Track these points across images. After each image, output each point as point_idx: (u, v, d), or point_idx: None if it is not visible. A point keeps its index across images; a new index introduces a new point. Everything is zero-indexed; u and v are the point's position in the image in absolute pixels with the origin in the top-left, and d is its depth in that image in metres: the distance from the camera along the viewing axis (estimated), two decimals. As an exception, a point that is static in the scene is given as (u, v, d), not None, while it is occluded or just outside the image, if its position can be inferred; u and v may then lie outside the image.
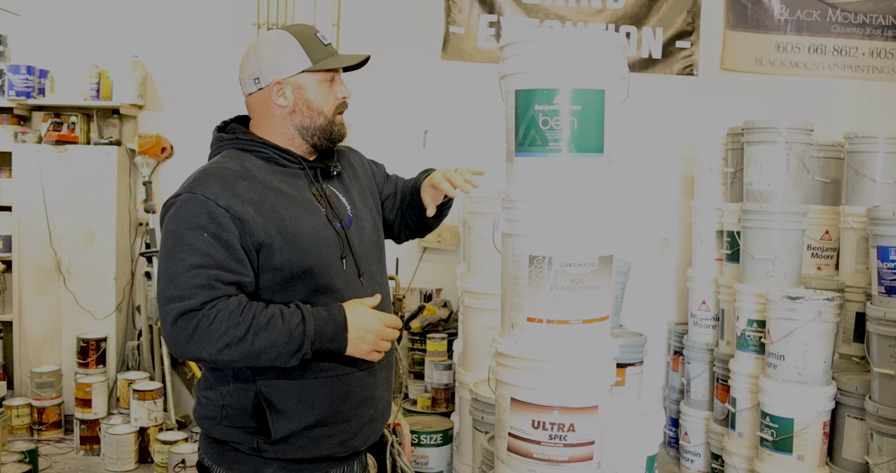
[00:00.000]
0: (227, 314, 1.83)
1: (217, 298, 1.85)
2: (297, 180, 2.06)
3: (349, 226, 2.09)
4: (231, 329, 1.82)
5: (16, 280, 5.25)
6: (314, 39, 2.06)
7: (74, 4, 5.44)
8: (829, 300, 3.62)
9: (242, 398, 1.98)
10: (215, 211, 1.88)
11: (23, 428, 5.08)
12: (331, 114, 2.07)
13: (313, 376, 1.99)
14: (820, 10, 5.53)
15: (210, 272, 1.85)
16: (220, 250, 1.87)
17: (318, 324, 1.90)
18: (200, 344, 1.83)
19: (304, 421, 1.99)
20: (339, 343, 1.93)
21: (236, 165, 1.99)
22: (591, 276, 2.21)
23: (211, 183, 1.93)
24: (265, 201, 1.94)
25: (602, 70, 2.20)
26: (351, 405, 2.05)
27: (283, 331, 1.86)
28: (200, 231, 1.88)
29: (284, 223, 1.94)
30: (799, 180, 4.05)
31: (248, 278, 1.91)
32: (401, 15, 5.41)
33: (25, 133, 5.36)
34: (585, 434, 2.25)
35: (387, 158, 5.49)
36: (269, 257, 1.93)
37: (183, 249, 1.87)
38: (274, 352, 1.86)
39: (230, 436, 2.01)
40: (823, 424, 3.71)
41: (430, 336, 4.79)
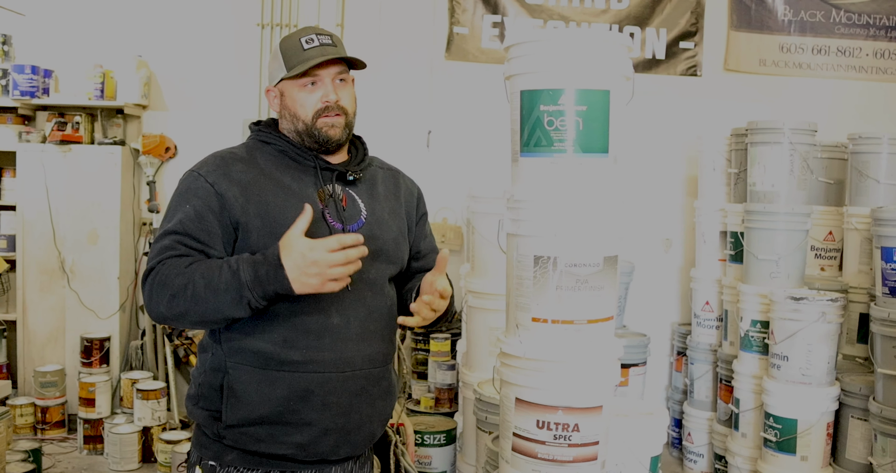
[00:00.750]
0: (174, 266, 1.88)
1: (173, 256, 1.90)
2: (306, 176, 2.07)
3: (354, 229, 2.05)
4: (176, 279, 1.85)
5: (20, 279, 5.26)
6: (296, 45, 2.06)
7: (79, 4, 5.45)
8: (833, 301, 3.62)
9: (214, 377, 2.01)
10: (202, 186, 1.97)
11: (26, 427, 5.09)
12: (310, 118, 2.06)
13: (275, 367, 1.97)
14: (824, 10, 5.53)
15: (175, 237, 1.93)
16: (195, 220, 1.94)
17: (251, 269, 1.83)
18: (157, 298, 1.88)
19: (257, 411, 1.97)
20: (280, 284, 1.82)
21: (244, 151, 2.09)
22: (595, 276, 2.21)
23: (210, 162, 2.04)
24: (255, 184, 2.00)
25: (607, 70, 2.20)
26: (312, 407, 1.99)
27: (220, 280, 1.84)
28: (185, 203, 1.97)
29: (267, 207, 1.97)
30: (803, 180, 4.05)
31: (214, 252, 1.94)
32: (404, 15, 5.41)
33: (30, 133, 5.37)
34: (590, 435, 2.26)
35: (391, 158, 5.52)
36: (246, 238, 1.96)
37: (167, 218, 1.98)
38: (217, 301, 1.84)
39: (201, 418, 2.04)
40: (827, 425, 3.71)
41: (433, 336, 4.79)
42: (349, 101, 2.12)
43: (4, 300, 5.34)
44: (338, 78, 2.09)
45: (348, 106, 2.11)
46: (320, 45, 2.06)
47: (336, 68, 2.08)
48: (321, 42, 2.06)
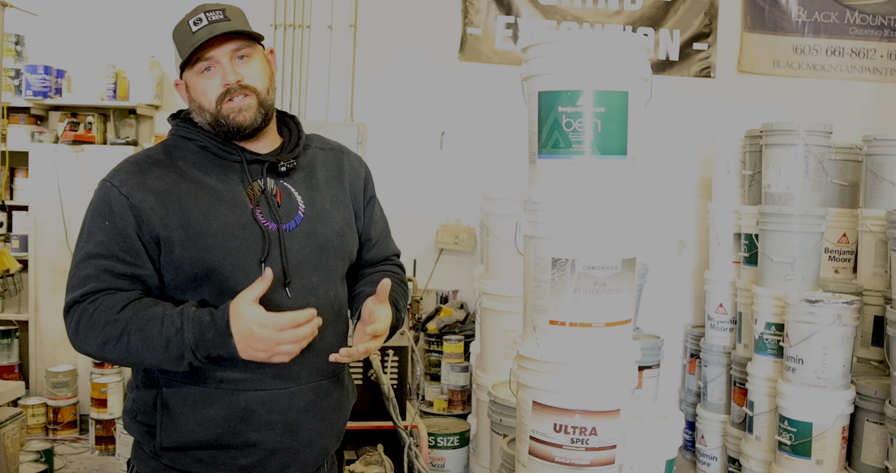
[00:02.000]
0: (106, 308, 1.72)
1: (101, 290, 1.75)
2: (231, 173, 1.87)
3: (292, 228, 1.88)
4: (108, 326, 1.71)
5: (32, 280, 5.27)
6: (185, 29, 1.86)
7: (91, 4, 5.46)
8: (849, 304, 3.60)
9: (147, 394, 1.85)
10: (117, 199, 1.79)
11: (38, 428, 5.10)
12: (213, 106, 1.84)
13: (213, 385, 1.81)
14: (838, 11, 5.50)
15: (101, 263, 1.76)
16: (117, 239, 1.77)
17: (198, 332, 1.69)
18: (84, 339, 1.74)
19: (194, 434, 1.82)
20: (226, 350, 1.70)
21: (161, 153, 1.89)
22: (613, 279, 2.20)
23: (124, 170, 1.84)
24: (174, 191, 1.80)
25: (626, 72, 2.19)
26: (254, 427, 1.83)
27: (161, 337, 1.69)
28: (102, 219, 1.79)
29: (189, 217, 1.78)
30: (818, 182, 4.02)
31: (144, 272, 1.78)
32: (418, 16, 5.41)
33: (42, 133, 5.38)
34: (607, 438, 2.25)
35: (404, 159, 5.56)
36: (170, 253, 1.78)
37: (83, 237, 1.81)
38: (155, 356, 1.71)
39: (137, 432, 1.89)
40: (842, 428, 3.68)
41: (446, 338, 4.79)
42: (257, 77, 1.87)
43: (17, 301, 5.35)
44: (236, 55, 1.86)
45: (256, 83, 1.87)
46: (209, 23, 1.84)
47: (232, 45, 1.85)
48: (210, 19, 1.84)
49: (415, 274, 5.11)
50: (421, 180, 5.43)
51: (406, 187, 5.43)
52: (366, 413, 3.46)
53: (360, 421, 3.47)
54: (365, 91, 5.45)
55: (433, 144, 5.44)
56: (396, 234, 5.78)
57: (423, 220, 5.39)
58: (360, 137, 5.30)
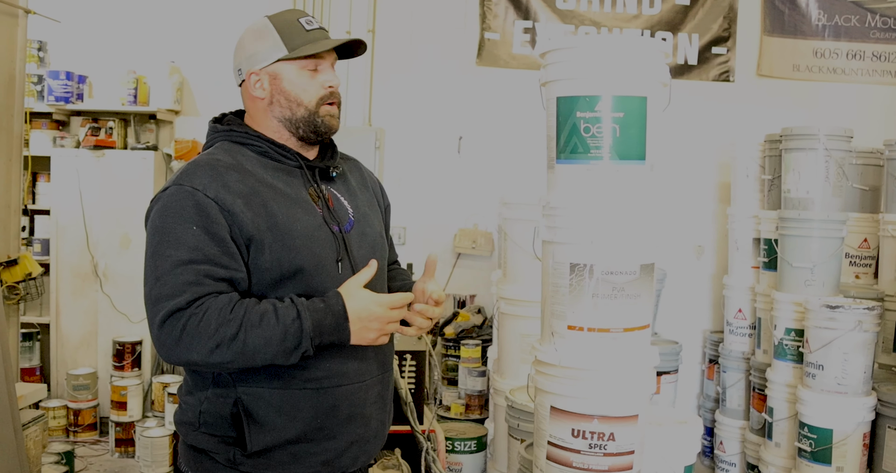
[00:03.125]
0: (216, 311, 1.70)
1: (206, 295, 1.72)
2: (293, 177, 1.92)
3: (349, 230, 1.95)
4: (221, 328, 1.69)
5: (53, 283, 5.32)
6: (295, 25, 1.92)
7: (113, 11, 5.51)
8: (870, 309, 3.57)
9: (221, 404, 1.84)
10: (204, 202, 1.76)
11: (59, 430, 5.14)
12: (313, 105, 1.92)
13: (298, 386, 1.84)
14: (858, 15, 5.46)
15: (199, 268, 1.73)
16: (210, 243, 1.75)
17: (316, 318, 1.74)
18: (190, 346, 1.70)
19: (284, 435, 1.84)
20: (341, 335, 1.77)
21: (228, 157, 1.88)
22: (632, 284, 2.20)
23: (199, 174, 1.81)
24: (256, 194, 1.82)
25: (644, 77, 2.19)
26: (337, 421, 1.89)
27: (278, 328, 1.71)
28: (189, 224, 1.76)
29: (276, 219, 1.81)
30: (838, 187, 3.99)
31: (240, 274, 1.78)
32: (436, 21, 5.42)
33: (64, 138, 5.43)
34: (626, 444, 2.24)
35: (421, 163, 5.57)
36: (259, 255, 1.80)
37: (170, 244, 1.75)
38: (270, 351, 1.72)
39: (207, 445, 1.87)
40: (863, 435, 3.65)
41: (463, 343, 4.79)
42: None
43: (38, 304, 5.39)
44: (334, 65, 1.98)
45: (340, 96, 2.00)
46: (319, 27, 1.94)
47: (334, 55, 1.97)
48: (318, 25, 1.95)
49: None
50: (439, 185, 5.44)
51: (424, 191, 5.45)
52: (383, 418, 3.46)
53: (377, 425, 3.48)
54: (383, 96, 5.47)
55: (451, 149, 5.45)
56: (414, 238, 5.83)
57: (441, 224, 5.40)
58: (379, 141, 5.31)
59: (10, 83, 3.91)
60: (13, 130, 3.94)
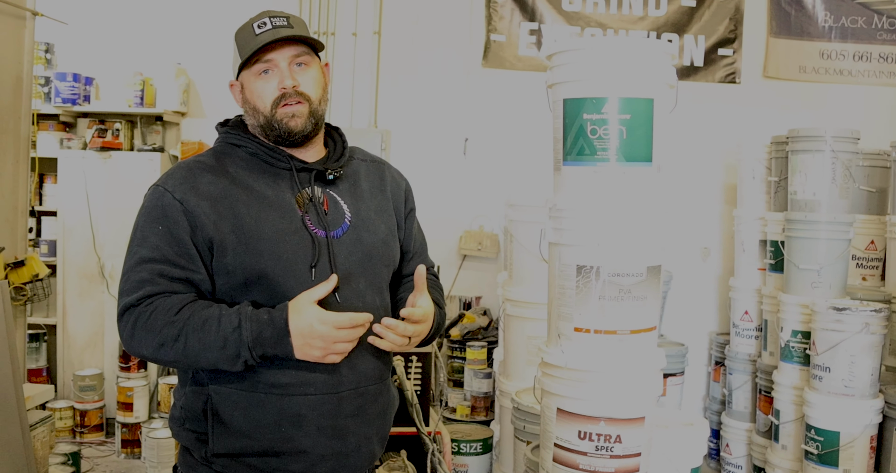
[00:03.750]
0: (163, 311, 1.74)
1: (157, 294, 1.77)
2: (280, 180, 1.90)
3: (339, 235, 1.90)
4: (165, 328, 1.73)
5: (60, 284, 5.33)
6: (248, 31, 1.89)
7: (120, 13, 5.53)
8: (877, 312, 3.56)
9: (195, 401, 1.87)
10: (170, 204, 1.81)
11: (65, 431, 5.15)
12: (268, 109, 1.88)
13: (263, 390, 1.82)
14: (865, 16, 5.45)
15: (155, 267, 1.78)
16: (171, 243, 1.79)
17: (256, 329, 1.73)
18: (140, 342, 1.76)
19: (246, 441, 1.83)
20: (283, 349, 1.75)
21: (212, 159, 1.91)
22: (639, 286, 2.20)
23: (176, 175, 1.86)
24: (226, 197, 1.83)
25: (651, 79, 2.18)
26: (306, 433, 1.84)
27: (218, 336, 1.72)
28: (156, 224, 1.81)
29: (241, 222, 1.81)
30: (845, 189, 3.99)
31: (199, 276, 1.81)
32: (441, 23, 5.43)
33: (71, 139, 5.45)
34: (632, 446, 2.24)
35: (427, 165, 5.58)
36: (222, 257, 1.80)
37: (138, 242, 1.82)
38: (211, 356, 1.73)
39: (186, 440, 1.90)
40: (870, 438, 3.64)
41: (469, 344, 4.79)
42: (312, 86, 1.91)
43: (45, 305, 5.40)
44: (295, 62, 1.90)
45: (310, 92, 1.91)
46: (273, 27, 1.87)
47: (292, 50, 1.89)
48: (274, 24, 1.88)
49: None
50: (444, 187, 5.44)
51: (429, 193, 5.42)
52: (389, 419, 3.46)
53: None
54: (389, 98, 5.47)
55: (457, 151, 5.45)
56: (420, 240, 5.64)
57: (447, 226, 5.40)
58: (384, 143, 5.32)
59: (18, 85, 3.92)
60: (20, 132, 3.96)
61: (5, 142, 3.84)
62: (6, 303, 3.42)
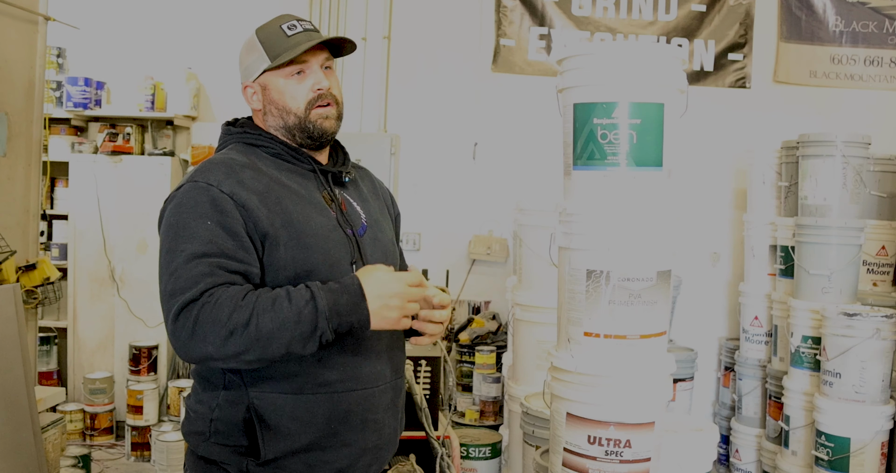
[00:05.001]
0: (228, 298, 1.65)
1: (218, 285, 1.68)
2: (306, 180, 1.91)
3: (362, 234, 1.94)
4: (234, 314, 1.63)
5: (71, 288, 5.35)
6: (277, 33, 1.90)
7: (131, 18, 5.56)
8: (888, 317, 3.55)
9: (233, 411, 1.80)
10: (218, 197, 1.75)
11: (76, 433, 5.17)
12: (302, 110, 1.89)
13: (311, 391, 1.80)
14: (876, 21, 5.44)
15: (213, 260, 1.70)
16: (225, 237, 1.73)
17: (331, 298, 1.68)
18: (204, 337, 1.64)
19: (299, 442, 1.80)
20: (359, 315, 1.69)
21: (242, 157, 1.87)
22: (648, 291, 2.19)
23: (215, 171, 1.80)
24: (271, 192, 1.81)
25: (661, 84, 2.18)
26: (351, 427, 1.85)
27: (292, 310, 1.65)
28: (204, 219, 1.73)
29: (291, 217, 1.80)
30: (856, 194, 3.98)
31: (255, 269, 1.75)
32: (451, 28, 5.44)
33: (82, 143, 5.48)
34: (642, 451, 2.23)
35: (437, 170, 5.58)
36: (274, 252, 1.77)
37: (185, 239, 1.73)
38: (285, 336, 1.64)
39: (219, 455, 1.83)
40: (881, 444, 3.63)
41: (478, 349, 4.78)
42: (338, 89, 1.96)
43: (56, 308, 5.42)
44: (325, 65, 1.93)
45: (339, 95, 1.95)
46: (304, 30, 1.90)
47: (323, 55, 1.92)
48: (304, 27, 1.91)
49: (447, 285, 5.12)
50: (454, 191, 5.45)
51: (439, 197, 5.46)
52: (398, 423, 3.46)
53: (392, 431, 3.48)
54: (398, 102, 5.48)
55: (466, 155, 5.45)
56: (429, 244, 5.83)
57: (456, 230, 5.41)
58: (394, 147, 5.33)
59: (30, 89, 3.95)
60: (32, 136, 3.98)
61: (17, 146, 3.86)
62: (18, 306, 3.43)
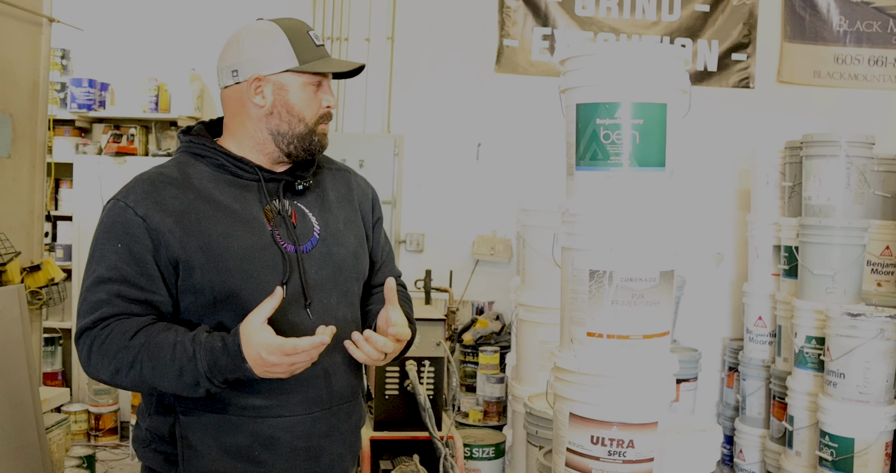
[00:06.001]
0: (118, 335, 1.66)
1: (113, 315, 1.69)
2: (247, 193, 1.83)
3: (308, 249, 1.85)
4: (120, 353, 1.65)
5: (75, 289, 5.35)
6: (306, 37, 1.84)
7: (135, 19, 5.57)
8: (892, 318, 3.55)
9: (163, 423, 1.80)
10: (131, 220, 1.72)
11: (80, 434, 5.18)
12: (312, 122, 1.85)
13: (235, 413, 1.76)
14: (881, 21, 5.43)
15: (112, 287, 1.69)
16: (130, 263, 1.70)
17: (211, 358, 1.64)
18: (97, 366, 1.69)
19: (217, 465, 1.77)
20: (244, 374, 1.66)
21: (176, 171, 1.81)
22: (651, 291, 2.19)
23: (137, 189, 1.76)
24: (192, 212, 1.74)
25: (664, 84, 2.18)
26: (278, 455, 1.79)
27: (173, 366, 1.64)
28: (115, 242, 1.72)
29: (209, 240, 1.73)
30: (860, 194, 3.97)
31: (159, 298, 1.73)
32: (455, 28, 5.44)
33: (86, 145, 5.49)
34: (645, 451, 2.23)
35: (440, 170, 5.58)
36: (189, 276, 1.73)
37: (96, 260, 1.73)
38: (168, 383, 1.67)
39: (154, 462, 1.83)
40: (886, 444, 3.62)
41: (482, 349, 4.78)
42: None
43: (60, 309, 5.43)
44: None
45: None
46: (321, 44, 1.89)
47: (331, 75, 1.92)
48: (322, 42, 1.90)
49: (451, 285, 5.11)
50: (457, 192, 5.45)
51: (442, 198, 5.46)
52: (402, 424, 3.47)
53: (396, 431, 3.49)
54: (402, 103, 5.49)
55: (469, 156, 5.45)
56: (432, 244, 5.82)
57: (459, 231, 5.41)
58: (397, 148, 5.33)
59: (34, 91, 3.95)
60: (37, 138, 3.99)
61: (22, 147, 3.87)
62: (23, 307, 3.44)
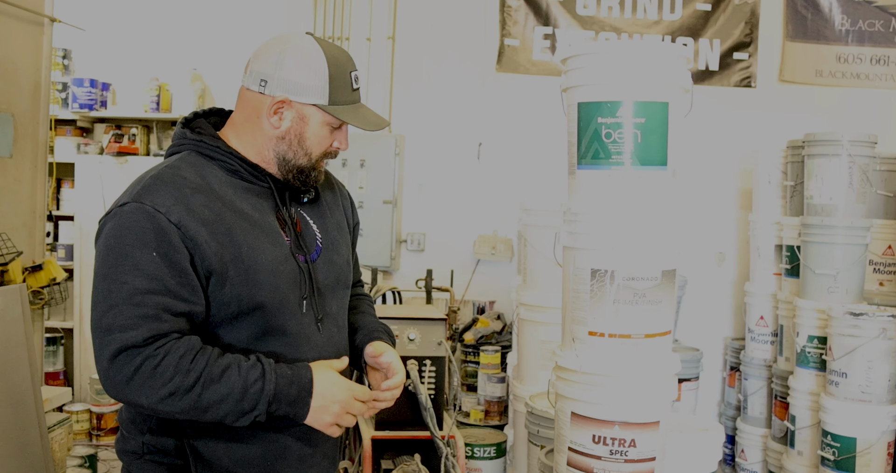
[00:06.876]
0: (176, 357, 1.58)
1: (165, 333, 1.59)
2: (262, 200, 1.80)
3: (315, 259, 1.84)
4: (178, 376, 1.57)
5: (77, 289, 5.36)
6: (346, 78, 1.80)
7: (136, 19, 5.58)
8: (894, 317, 3.54)
9: (164, 439, 1.74)
10: (166, 227, 1.61)
11: (82, 433, 5.17)
12: (315, 158, 1.82)
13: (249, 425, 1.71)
14: (883, 20, 5.42)
15: (158, 300, 1.59)
16: (171, 273, 1.61)
17: (281, 384, 1.64)
18: (141, 389, 1.57)
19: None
20: (299, 409, 1.67)
21: (194, 174, 1.73)
22: (653, 290, 2.19)
23: (163, 193, 1.65)
24: (221, 221, 1.68)
25: (666, 82, 2.18)
26: (288, 464, 1.81)
27: (238, 386, 1.61)
28: (148, 249, 1.60)
29: (240, 251, 1.68)
30: (862, 193, 3.97)
31: (199, 308, 1.66)
32: (456, 28, 5.44)
33: (88, 145, 5.50)
34: (647, 450, 2.23)
35: (441, 170, 5.58)
36: (219, 289, 1.67)
37: (126, 269, 1.59)
38: (223, 409, 1.61)
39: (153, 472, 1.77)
40: (888, 444, 3.61)
41: (483, 349, 4.78)
42: None
43: (62, 309, 5.44)
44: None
45: None
46: (358, 88, 1.86)
47: None
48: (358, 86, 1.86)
49: (452, 285, 5.11)
50: (458, 191, 5.45)
51: (444, 197, 5.46)
52: (403, 423, 3.46)
53: (397, 431, 3.48)
54: (403, 102, 5.49)
55: (471, 155, 5.45)
56: (434, 244, 5.83)
57: (461, 230, 5.41)
58: (398, 148, 5.33)
59: (36, 91, 3.96)
60: (38, 137, 3.99)
61: (24, 147, 3.87)
62: (24, 307, 3.44)
